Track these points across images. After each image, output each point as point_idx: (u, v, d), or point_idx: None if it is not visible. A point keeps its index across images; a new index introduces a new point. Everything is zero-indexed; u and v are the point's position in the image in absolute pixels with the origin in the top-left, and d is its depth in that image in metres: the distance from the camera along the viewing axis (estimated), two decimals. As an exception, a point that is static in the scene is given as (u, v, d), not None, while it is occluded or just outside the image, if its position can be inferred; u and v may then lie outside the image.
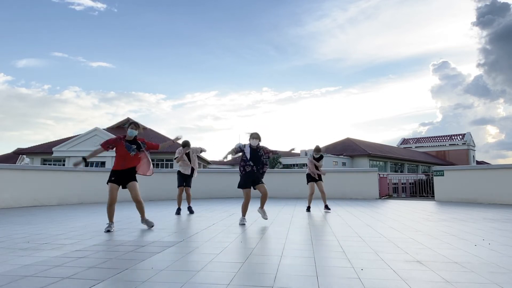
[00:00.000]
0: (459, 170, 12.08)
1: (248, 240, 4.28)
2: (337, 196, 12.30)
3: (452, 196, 11.26)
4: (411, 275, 2.74)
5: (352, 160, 45.59)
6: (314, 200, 8.71)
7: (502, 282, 2.57)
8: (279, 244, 4.02)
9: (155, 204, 9.63)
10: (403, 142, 71.43)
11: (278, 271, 2.84)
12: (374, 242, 4.12)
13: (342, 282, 2.57)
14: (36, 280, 2.60)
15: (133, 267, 2.96)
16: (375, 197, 12.46)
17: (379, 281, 2.59)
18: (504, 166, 10.62)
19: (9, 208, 8.57)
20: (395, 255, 3.45)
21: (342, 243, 4.09)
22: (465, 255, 3.46)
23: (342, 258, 3.31)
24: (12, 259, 3.26)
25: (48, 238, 4.36)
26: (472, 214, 7.23)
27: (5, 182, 8.87)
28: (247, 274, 2.78)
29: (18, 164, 28.41)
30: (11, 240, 4.23)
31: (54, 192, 9.79)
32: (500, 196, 10.20)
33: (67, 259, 3.25)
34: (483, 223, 5.89)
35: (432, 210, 8.48)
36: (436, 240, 4.30)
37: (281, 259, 3.28)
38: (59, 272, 2.81)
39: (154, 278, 2.66)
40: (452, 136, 68.28)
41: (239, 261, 3.19)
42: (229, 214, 7.20)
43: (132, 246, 3.85)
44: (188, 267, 3.01)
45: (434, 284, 2.52)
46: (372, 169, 14.16)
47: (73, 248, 3.73)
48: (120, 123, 38.42)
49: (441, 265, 3.06)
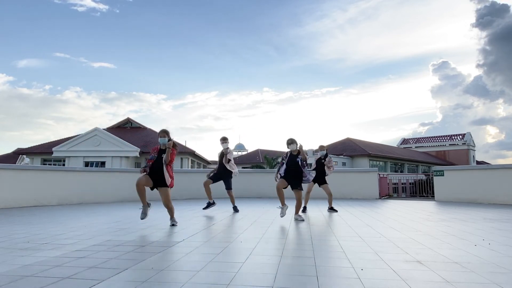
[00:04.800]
0: (459, 170, 12.08)
1: (248, 240, 4.28)
2: (337, 196, 12.29)
3: (452, 196, 11.26)
4: (411, 275, 2.74)
5: (352, 160, 45.58)
6: (315, 200, 8.70)
7: (502, 282, 2.57)
8: (279, 244, 4.03)
9: (156, 204, 9.61)
10: (403, 142, 71.41)
11: (278, 271, 2.84)
12: (374, 242, 4.11)
13: (342, 282, 2.57)
14: (36, 280, 2.60)
15: (133, 267, 2.96)
16: (375, 197, 12.46)
17: (379, 281, 2.59)
18: (504, 166, 10.63)
19: (9, 208, 8.57)
20: (395, 255, 3.45)
21: (342, 243, 4.09)
22: (465, 255, 3.46)
23: (342, 258, 3.31)
24: (12, 259, 3.26)
25: (48, 238, 4.36)
26: (472, 214, 7.23)
27: (5, 182, 8.87)
28: (247, 274, 2.78)
29: (18, 164, 28.42)
30: (11, 240, 4.23)
31: (54, 192, 9.78)
32: (500, 196, 10.19)
33: (67, 259, 3.25)
34: (483, 223, 5.89)
35: (432, 210, 8.48)
36: (436, 240, 4.30)
37: (281, 259, 3.28)
38: (59, 272, 2.81)
39: (154, 278, 2.66)
40: (452, 136, 68.24)
41: (239, 261, 3.19)
42: (229, 214, 7.20)
43: (132, 246, 3.85)
44: (188, 267, 3.01)
45: (434, 284, 2.52)
46: (372, 169, 14.16)
47: (73, 248, 3.73)
48: (120, 123, 38.44)
49: (441, 265, 3.06)
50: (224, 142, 7.55)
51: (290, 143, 6.22)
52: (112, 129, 36.36)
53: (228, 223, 5.88)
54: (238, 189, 13.00)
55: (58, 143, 33.21)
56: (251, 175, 13.82)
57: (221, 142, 7.58)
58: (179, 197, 11.75)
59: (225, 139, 7.55)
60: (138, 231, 4.91)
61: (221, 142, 7.59)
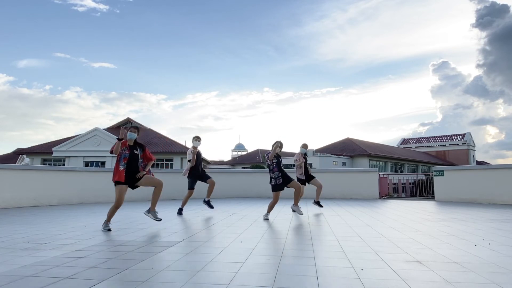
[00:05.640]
0: (459, 170, 12.08)
1: (248, 240, 4.28)
2: (337, 196, 12.29)
3: (452, 196, 11.26)
4: (411, 275, 2.74)
5: (352, 160, 45.58)
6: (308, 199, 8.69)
7: (502, 282, 2.57)
8: (279, 244, 4.03)
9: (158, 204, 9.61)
10: (403, 142, 71.44)
11: (278, 271, 2.84)
12: (374, 242, 4.11)
13: (342, 282, 2.57)
14: (36, 280, 2.60)
15: (133, 267, 2.96)
16: (375, 197, 12.46)
17: (379, 281, 2.59)
18: (504, 166, 10.62)
19: (9, 208, 8.57)
20: (395, 255, 3.45)
21: (342, 243, 4.09)
22: (465, 255, 3.46)
23: (342, 258, 3.31)
24: (12, 259, 3.26)
25: (48, 238, 4.36)
26: (472, 214, 7.23)
27: (5, 182, 8.87)
28: (247, 274, 2.78)
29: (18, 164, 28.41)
30: (11, 240, 4.23)
31: (54, 192, 9.78)
32: (500, 196, 10.19)
33: (67, 259, 3.25)
34: (483, 223, 5.89)
35: (432, 210, 8.48)
36: (436, 240, 4.30)
37: (281, 259, 3.28)
38: (59, 272, 2.81)
39: (154, 278, 2.66)
40: (452, 136, 68.28)
41: (239, 261, 3.19)
42: (229, 214, 7.20)
43: (132, 246, 3.85)
44: (188, 267, 3.01)
45: (434, 284, 2.52)
46: (372, 169, 14.15)
47: (73, 248, 3.73)
48: (120, 123, 38.46)
49: (441, 265, 3.06)
50: (196, 141, 7.48)
51: (280, 146, 6.38)
52: (112, 129, 36.37)
53: (228, 223, 5.88)
54: (239, 189, 13.03)
55: (58, 143, 33.23)
56: (251, 175, 13.82)
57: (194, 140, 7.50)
58: (179, 197, 11.74)
59: (198, 138, 7.51)
60: (138, 231, 4.91)
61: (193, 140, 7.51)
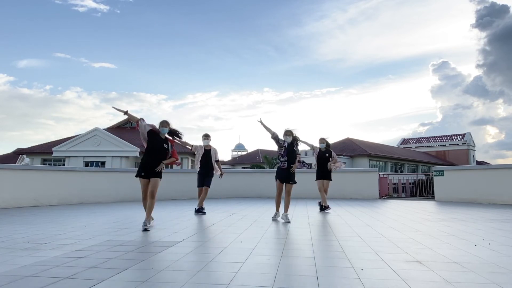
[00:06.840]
0: (459, 170, 12.08)
1: (248, 240, 4.28)
2: (337, 196, 12.29)
3: (452, 196, 11.25)
4: (411, 275, 2.74)
5: (352, 160, 45.56)
6: (314, 199, 8.69)
7: (502, 282, 2.57)
8: (279, 244, 4.03)
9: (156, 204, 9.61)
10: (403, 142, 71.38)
11: (278, 271, 2.84)
12: (374, 242, 4.11)
13: (342, 282, 2.57)
14: (36, 280, 2.60)
15: (133, 267, 2.96)
16: (375, 197, 12.46)
17: (379, 281, 2.59)
18: (504, 166, 10.62)
19: (9, 208, 8.57)
20: (395, 255, 3.45)
21: (342, 243, 4.09)
22: (465, 255, 3.46)
23: (342, 258, 3.31)
24: (12, 259, 3.26)
25: (48, 238, 4.36)
26: (472, 214, 7.23)
27: (5, 182, 8.87)
28: (247, 274, 2.78)
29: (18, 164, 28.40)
30: (11, 240, 4.23)
31: (54, 192, 9.78)
32: (500, 196, 10.19)
33: (67, 259, 3.25)
34: (483, 223, 5.89)
35: (432, 210, 8.48)
36: (436, 240, 4.30)
37: (281, 259, 3.28)
38: (59, 272, 2.81)
39: (154, 278, 2.66)
40: (452, 136, 68.21)
41: (239, 261, 3.19)
42: (229, 214, 7.20)
43: (132, 246, 3.85)
44: (188, 267, 3.01)
45: (434, 284, 2.52)
46: (372, 169, 14.15)
47: (73, 248, 3.73)
48: (120, 123, 38.42)
49: (441, 265, 3.06)
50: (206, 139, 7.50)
51: (288, 135, 6.25)
52: (112, 129, 36.33)
53: (228, 223, 5.87)
54: (239, 189, 13.02)
55: (58, 143, 33.20)
56: (251, 175, 13.82)
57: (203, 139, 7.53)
58: (179, 197, 11.75)
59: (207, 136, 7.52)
60: (138, 231, 4.90)
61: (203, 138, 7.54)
